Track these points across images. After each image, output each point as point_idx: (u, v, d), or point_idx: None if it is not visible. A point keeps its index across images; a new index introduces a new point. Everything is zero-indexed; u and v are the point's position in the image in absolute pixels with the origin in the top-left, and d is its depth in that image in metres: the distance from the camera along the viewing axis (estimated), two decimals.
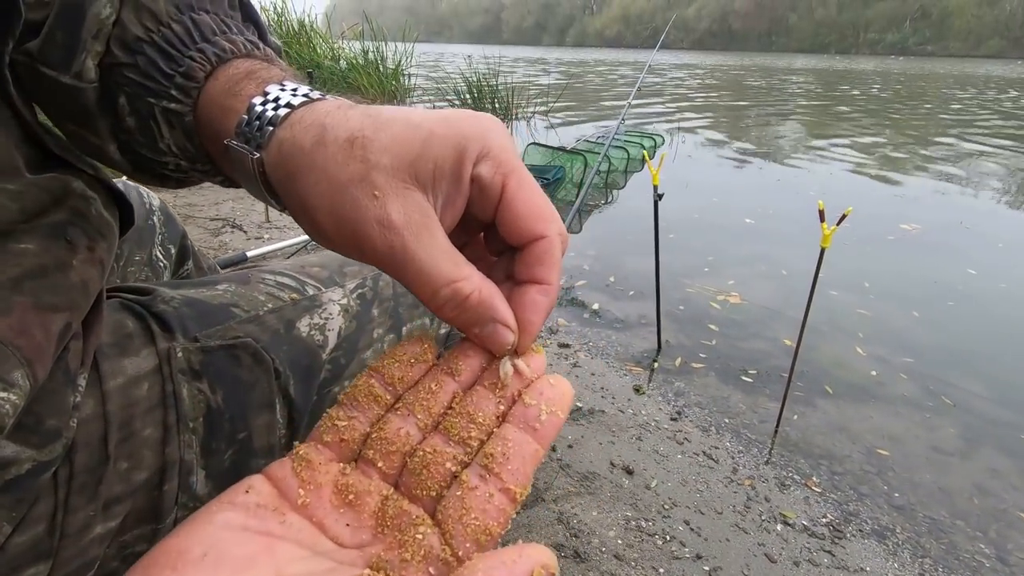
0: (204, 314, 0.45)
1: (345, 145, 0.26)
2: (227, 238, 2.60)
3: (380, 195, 0.25)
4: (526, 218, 0.27)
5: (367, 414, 0.26)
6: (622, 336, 2.01)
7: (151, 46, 0.32)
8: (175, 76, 0.32)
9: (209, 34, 0.33)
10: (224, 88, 0.32)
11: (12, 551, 0.33)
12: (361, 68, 7.90)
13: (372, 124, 0.26)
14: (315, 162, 0.26)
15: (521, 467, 0.23)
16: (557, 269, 0.28)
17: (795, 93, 12.37)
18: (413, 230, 0.25)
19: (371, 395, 0.26)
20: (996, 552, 1.20)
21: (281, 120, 0.28)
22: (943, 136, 6.72)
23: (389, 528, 0.23)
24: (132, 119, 0.33)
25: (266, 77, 0.32)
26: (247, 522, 0.22)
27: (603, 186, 3.94)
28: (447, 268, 0.25)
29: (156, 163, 0.35)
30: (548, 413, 0.24)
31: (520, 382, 0.26)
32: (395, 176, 0.25)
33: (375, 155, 0.25)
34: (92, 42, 0.32)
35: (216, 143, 0.32)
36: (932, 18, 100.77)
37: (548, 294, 0.27)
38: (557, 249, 0.28)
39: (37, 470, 0.33)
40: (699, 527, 1.19)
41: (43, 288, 0.31)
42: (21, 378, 0.29)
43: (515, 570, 0.19)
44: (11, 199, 0.30)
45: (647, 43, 16.80)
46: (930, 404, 1.69)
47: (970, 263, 2.80)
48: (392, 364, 0.26)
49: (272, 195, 0.30)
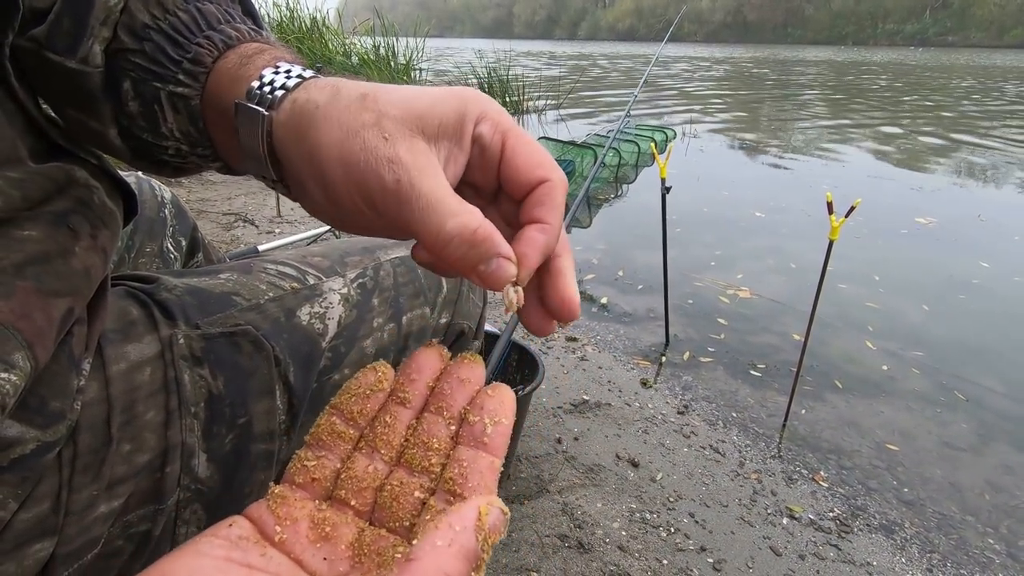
0: (206, 302, 0.46)
1: (358, 98, 0.28)
2: (239, 232, 2.64)
3: (389, 137, 0.27)
4: (527, 167, 0.29)
5: (334, 451, 0.27)
6: (630, 330, 2.01)
7: (158, 33, 0.33)
8: (183, 62, 0.33)
9: (215, 23, 0.34)
10: (236, 63, 0.33)
11: (18, 527, 0.34)
12: (372, 63, 7.93)
13: (381, 86, 0.29)
14: (329, 114, 0.28)
15: (480, 482, 0.25)
16: (557, 211, 0.29)
17: (811, 85, 12.20)
18: (419, 167, 0.26)
19: (334, 432, 0.27)
20: (1007, 548, 1.19)
21: (295, 86, 0.30)
22: (964, 129, 6.59)
23: (367, 555, 0.23)
24: (135, 103, 0.34)
25: (278, 55, 0.33)
26: (230, 554, 0.23)
27: (613, 180, 3.93)
28: (454, 202, 0.26)
29: (156, 148, 0.36)
30: (492, 424, 0.26)
31: (445, 375, 0.28)
32: (404, 124, 0.27)
33: (385, 106, 0.27)
34: (100, 28, 0.33)
35: (222, 119, 0.32)
36: (953, 7, 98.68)
37: (546, 232, 0.28)
38: (557, 192, 0.29)
39: (41, 450, 0.34)
40: (704, 520, 1.19)
41: (45, 273, 0.32)
42: (22, 360, 0.30)
43: (462, 516, 0.21)
44: (14, 187, 0.31)
45: (660, 36, 16.82)
46: (942, 399, 1.67)
47: (984, 256, 2.75)
48: (349, 400, 0.27)
49: (272, 161, 0.31)
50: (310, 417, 0.50)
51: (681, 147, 5.09)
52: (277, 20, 8.38)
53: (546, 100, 7.53)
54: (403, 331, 0.57)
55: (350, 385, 0.28)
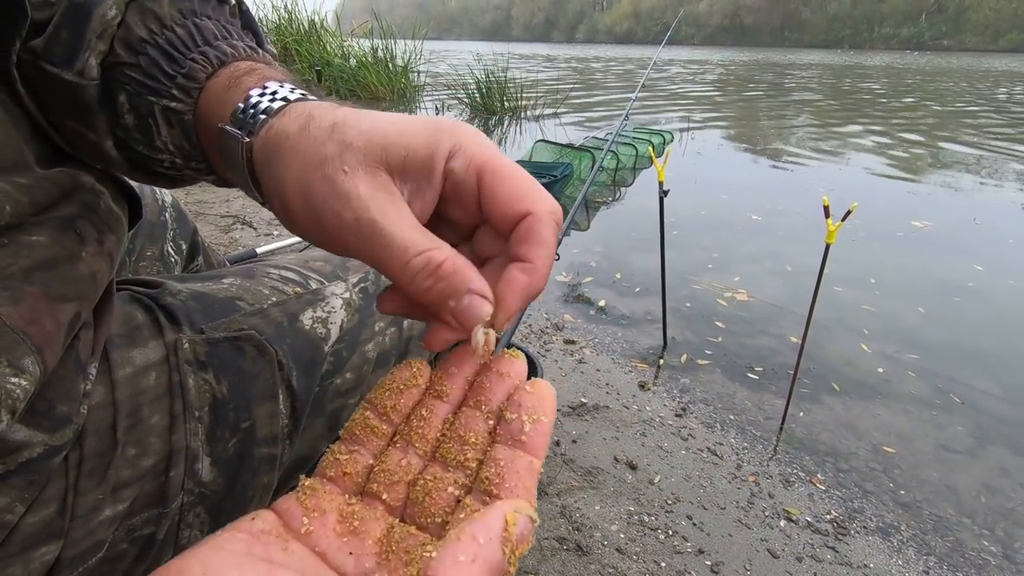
0: (210, 307, 0.47)
1: (327, 128, 0.27)
2: (237, 234, 2.63)
3: (349, 171, 0.26)
4: (508, 201, 0.27)
5: (367, 447, 0.26)
6: (628, 332, 2.02)
7: (154, 47, 0.33)
8: (177, 77, 0.33)
9: (211, 38, 0.34)
10: (225, 83, 0.33)
11: (25, 530, 0.34)
12: (371, 66, 7.93)
13: (354, 114, 0.28)
14: (296, 145, 0.27)
15: (517, 483, 0.24)
16: (543, 247, 0.27)
17: (808, 88, 12.25)
18: (379, 204, 0.25)
19: (368, 427, 0.26)
20: (1003, 550, 1.20)
21: (276, 111, 0.29)
22: (960, 133, 6.63)
23: (395, 552, 0.23)
24: (131, 116, 0.34)
25: (267, 75, 0.33)
26: (250, 548, 0.22)
27: (611, 183, 3.94)
28: (418, 237, 0.25)
29: (151, 160, 0.36)
30: (531, 422, 0.25)
31: (489, 354, 0.26)
32: (367, 156, 0.26)
33: (350, 136, 0.26)
34: (96, 41, 0.33)
35: (212, 136, 0.32)
36: (948, 12, 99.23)
37: (527, 272, 0.27)
38: (544, 226, 0.27)
39: (48, 454, 0.34)
40: (702, 522, 1.19)
41: (53, 279, 0.32)
42: (31, 365, 0.30)
43: (487, 525, 0.20)
44: (22, 192, 0.31)
45: (658, 39, 16.86)
46: (938, 402, 1.68)
47: (979, 260, 2.77)
48: (384, 394, 0.27)
49: (255, 184, 0.30)
50: (312, 421, 0.50)
51: (679, 150, 5.10)
52: (275, 22, 8.39)
53: (544, 103, 7.54)
54: (404, 335, 0.58)
55: (385, 381, 0.27)
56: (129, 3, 0.33)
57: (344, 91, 7.88)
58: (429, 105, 7.64)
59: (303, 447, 0.50)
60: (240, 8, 0.39)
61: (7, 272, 0.30)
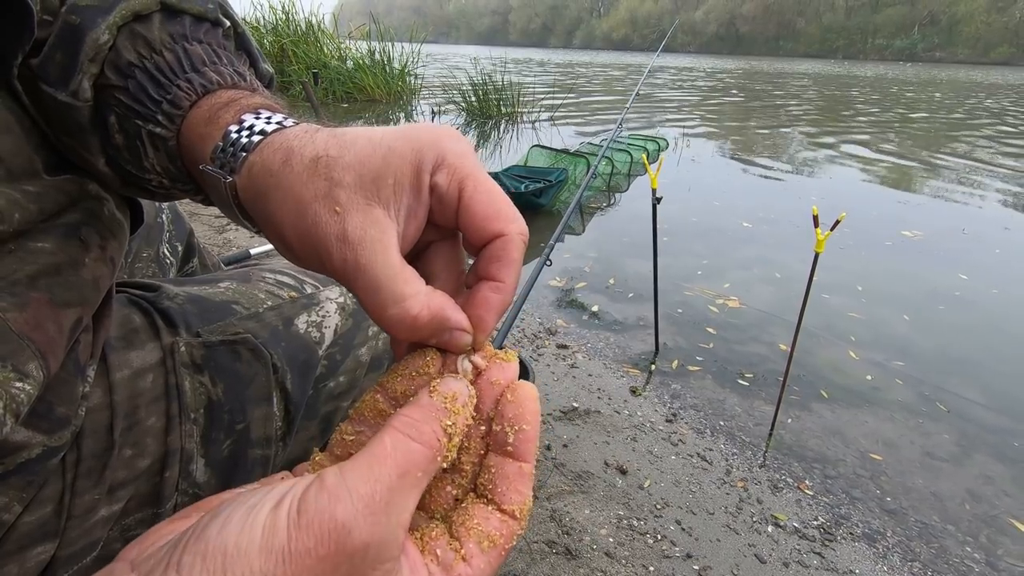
0: (206, 310, 0.47)
1: (311, 164, 0.27)
2: (231, 235, 2.63)
3: (341, 211, 0.26)
4: (483, 218, 0.27)
5: (373, 428, 0.27)
6: (620, 338, 2.03)
7: (142, 72, 0.34)
8: (162, 102, 0.33)
9: (199, 64, 0.35)
10: (205, 117, 0.33)
11: (22, 529, 0.35)
12: (367, 69, 7.94)
13: (336, 144, 0.28)
14: (281, 183, 0.27)
15: (508, 489, 0.25)
16: (512, 267, 0.28)
17: (801, 98, 12.35)
18: (367, 246, 0.26)
19: (377, 410, 0.27)
20: (986, 557, 1.22)
21: (254, 147, 0.29)
22: (952, 143, 6.71)
23: None
24: (120, 137, 0.35)
25: (245, 105, 0.33)
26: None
27: (606, 188, 3.96)
28: (399, 284, 0.26)
29: (141, 179, 0.36)
30: (515, 432, 0.26)
31: (477, 375, 0.28)
32: (358, 192, 0.26)
33: (339, 173, 0.27)
34: (89, 64, 0.33)
35: (196, 167, 0.33)
36: (941, 24, 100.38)
37: (500, 291, 0.28)
38: (513, 247, 0.28)
39: (46, 455, 0.35)
40: (690, 527, 1.21)
41: (57, 285, 0.33)
42: (35, 369, 0.31)
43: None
44: (31, 200, 0.32)
45: (654, 46, 16.93)
46: (924, 409, 1.71)
47: (966, 269, 2.81)
48: (396, 379, 0.27)
49: (245, 217, 0.31)
50: (306, 423, 0.51)
51: (673, 157, 5.14)
52: (273, 23, 8.38)
53: (540, 109, 7.57)
54: None
55: (398, 367, 0.28)
56: (121, 27, 0.34)
57: (341, 93, 7.88)
58: (425, 108, 7.65)
59: (296, 449, 0.51)
60: (236, 30, 0.39)
61: (13, 278, 0.31)
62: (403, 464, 0.22)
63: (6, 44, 0.31)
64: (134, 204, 0.42)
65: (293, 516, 0.20)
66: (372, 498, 0.21)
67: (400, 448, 0.22)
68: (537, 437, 0.26)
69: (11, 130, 0.32)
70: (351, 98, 7.89)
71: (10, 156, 0.31)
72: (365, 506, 0.20)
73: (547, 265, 1.47)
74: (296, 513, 0.20)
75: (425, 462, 0.23)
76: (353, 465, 0.21)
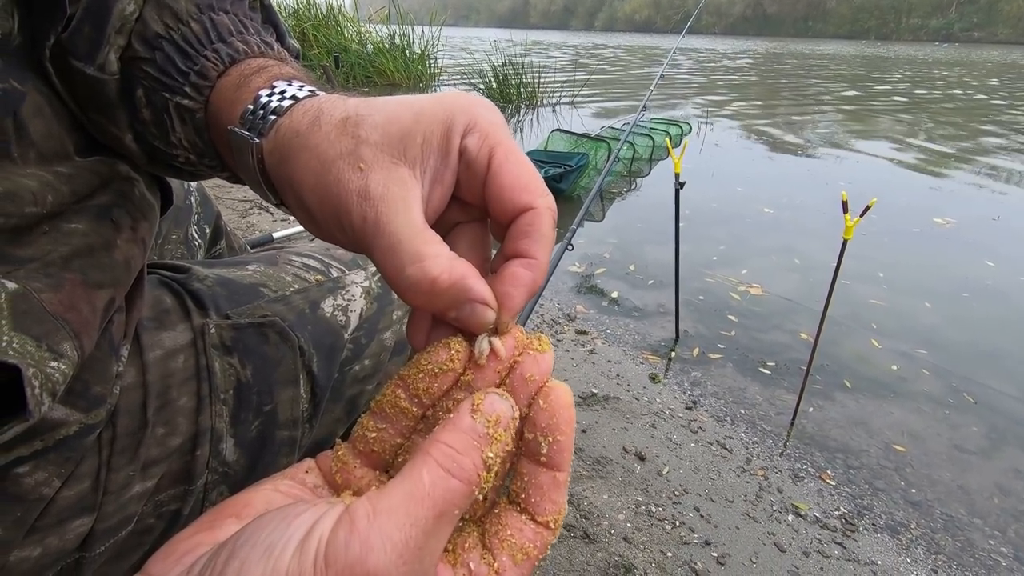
0: (235, 293, 0.48)
1: (339, 124, 0.26)
2: (254, 219, 2.67)
3: (365, 167, 0.25)
4: (512, 189, 0.26)
5: (395, 426, 0.26)
6: (640, 325, 2.02)
7: (170, 43, 0.33)
8: (190, 74, 0.33)
9: (226, 34, 0.34)
10: (235, 83, 0.33)
11: (61, 503, 0.36)
12: (387, 52, 7.92)
13: (367, 106, 0.27)
14: (307, 142, 0.27)
15: (542, 499, 0.24)
16: (545, 243, 0.26)
17: (831, 80, 12.01)
18: (389, 203, 0.24)
19: (397, 407, 0.26)
20: (1014, 551, 1.19)
21: (285, 110, 0.29)
22: (990, 127, 6.48)
23: None
24: (148, 111, 0.35)
25: (277, 73, 0.33)
26: (302, 495, 0.25)
27: (627, 174, 3.91)
28: (418, 244, 0.24)
29: (168, 155, 0.36)
30: (548, 443, 0.24)
31: (497, 362, 0.25)
32: (383, 151, 0.25)
33: (365, 131, 0.26)
34: (116, 36, 0.33)
35: (223, 135, 0.32)
36: (980, 2, 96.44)
37: (532, 268, 0.26)
38: (544, 222, 0.26)
39: (83, 432, 0.36)
40: (709, 514, 1.20)
41: (90, 266, 0.34)
42: (70, 349, 0.31)
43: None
44: (64, 182, 0.32)
45: (679, 28, 16.52)
46: (952, 401, 1.67)
47: (998, 258, 2.72)
48: (417, 375, 0.26)
49: (267, 185, 0.30)
50: (331, 406, 0.52)
51: (696, 142, 5.05)
52: (293, 7, 8.39)
53: (561, 92, 7.49)
54: None
55: (420, 360, 0.26)
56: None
57: (361, 77, 7.88)
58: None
59: (321, 431, 0.52)
60: (262, 2, 0.39)
61: (48, 259, 0.31)
62: (441, 505, 0.20)
63: (39, 25, 0.32)
64: (164, 185, 0.42)
65: (320, 566, 0.18)
66: (407, 545, 0.19)
67: (439, 487, 0.21)
68: (572, 445, 0.25)
69: (42, 112, 0.32)
70: (371, 82, 7.88)
71: (42, 139, 0.32)
72: (399, 556, 0.19)
73: (569, 250, 1.46)
74: (324, 563, 0.18)
75: (463, 499, 0.21)
76: (388, 505, 0.20)
